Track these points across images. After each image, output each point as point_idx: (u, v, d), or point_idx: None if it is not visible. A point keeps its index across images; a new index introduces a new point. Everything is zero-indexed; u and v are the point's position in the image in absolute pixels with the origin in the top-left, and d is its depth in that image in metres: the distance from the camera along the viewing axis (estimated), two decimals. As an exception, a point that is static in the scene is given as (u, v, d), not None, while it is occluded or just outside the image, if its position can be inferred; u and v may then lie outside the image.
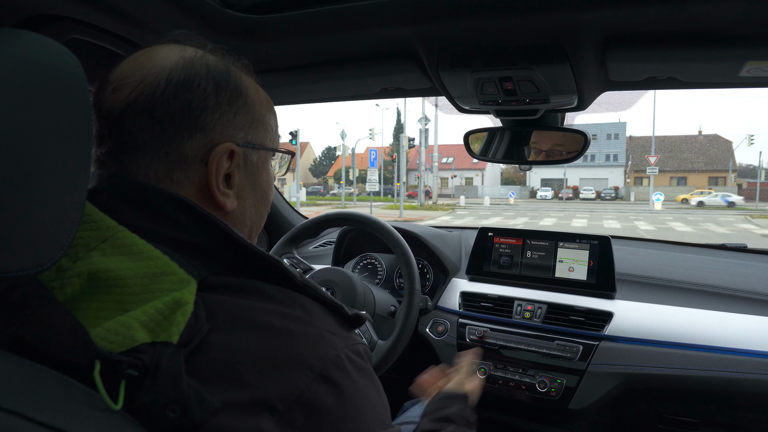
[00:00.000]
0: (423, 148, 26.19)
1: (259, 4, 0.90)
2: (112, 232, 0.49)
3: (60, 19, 0.83)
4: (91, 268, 0.47)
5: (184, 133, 0.55)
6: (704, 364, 1.21)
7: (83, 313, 0.45)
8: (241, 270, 0.53)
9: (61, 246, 0.44)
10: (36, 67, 0.43)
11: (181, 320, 0.44)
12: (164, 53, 0.57)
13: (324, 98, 1.39)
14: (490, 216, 22.73)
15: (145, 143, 0.54)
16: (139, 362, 0.42)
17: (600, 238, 1.47)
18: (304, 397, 0.46)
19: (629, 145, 49.35)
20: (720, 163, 44.69)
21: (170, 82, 0.54)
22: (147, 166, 0.55)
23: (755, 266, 1.56)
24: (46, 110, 0.43)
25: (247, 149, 0.60)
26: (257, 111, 0.61)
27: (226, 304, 0.49)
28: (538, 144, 1.35)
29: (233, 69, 0.59)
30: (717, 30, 0.82)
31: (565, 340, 1.34)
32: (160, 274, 0.47)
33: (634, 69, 0.98)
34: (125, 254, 0.48)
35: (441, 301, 1.57)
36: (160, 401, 0.41)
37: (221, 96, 0.57)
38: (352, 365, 0.51)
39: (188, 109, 0.54)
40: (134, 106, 0.54)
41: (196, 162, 0.55)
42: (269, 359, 0.47)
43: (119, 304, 0.46)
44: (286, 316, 0.50)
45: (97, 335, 0.43)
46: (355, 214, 1.47)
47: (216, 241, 0.53)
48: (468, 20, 0.86)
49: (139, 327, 0.44)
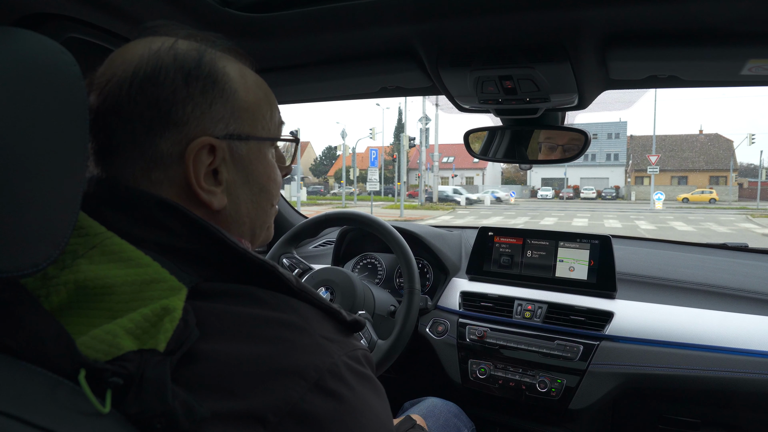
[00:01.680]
0: (423, 147, 26.18)
1: (258, 3, 0.89)
2: (100, 239, 0.48)
3: (57, 17, 0.83)
4: (78, 277, 0.45)
5: (156, 131, 0.52)
6: (705, 364, 1.21)
7: (72, 320, 0.44)
8: (235, 275, 0.51)
9: (57, 245, 0.44)
10: (32, 66, 0.43)
11: (168, 327, 0.43)
12: (132, 48, 0.54)
13: (323, 97, 1.39)
14: (491, 215, 22.73)
15: (119, 144, 0.52)
16: (124, 371, 0.41)
17: (601, 238, 1.47)
18: (298, 408, 0.44)
19: (630, 144, 49.33)
20: (721, 162, 44.66)
21: (135, 77, 0.52)
22: (124, 167, 0.53)
23: (756, 266, 1.56)
24: (42, 109, 0.43)
25: (232, 141, 0.56)
26: (241, 98, 0.56)
27: (218, 312, 0.47)
28: (539, 143, 1.35)
29: (207, 55, 0.55)
30: (718, 28, 0.82)
31: (565, 340, 1.34)
32: (150, 282, 0.46)
33: (634, 67, 0.98)
34: (114, 261, 0.47)
35: (441, 300, 1.57)
36: (146, 412, 0.40)
37: (192, 87, 0.53)
38: (350, 372, 0.49)
39: (156, 105, 0.51)
40: (105, 106, 0.52)
41: (174, 160, 0.53)
42: (262, 369, 0.45)
43: (109, 312, 0.45)
44: (281, 324, 0.48)
45: (83, 344, 0.42)
46: (354, 214, 1.46)
47: (208, 246, 0.51)
48: (468, 19, 0.86)
49: (125, 335, 0.43)
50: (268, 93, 0.62)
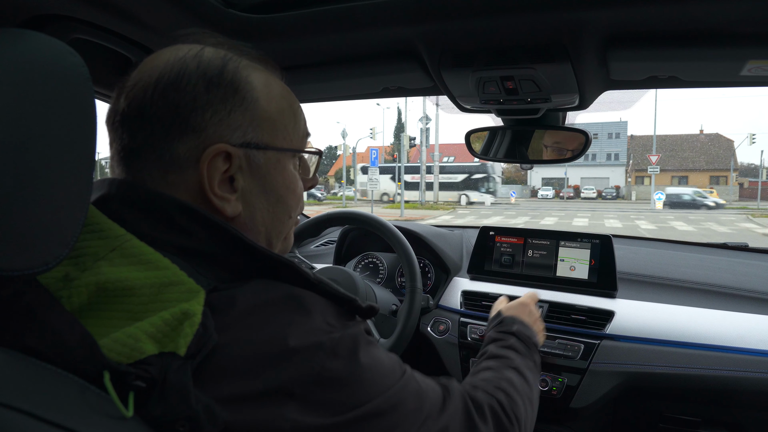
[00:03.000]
0: (424, 147, 26.16)
1: (262, 4, 0.90)
2: (120, 242, 0.49)
3: (63, 18, 0.83)
4: (100, 278, 0.46)
5: (175, 135, 0.53)
6: (706, 362, 1.21)
7: (92, 322, 0.45)
8: (253, 274, 0.52)
9: (66, 245, 0.44)
10: (41, 67, 0.44)
11: (188, 332, 0.44)
12: (161, 55, 0.56)
13: (326, 98, 1.39)
14: (491, 215, 22.72)
15: (139, 147, 0.54)
16: (147, 374, 0.42)
17: (601, 237, 1.47)
18: (321, 376, 0.48)
19: (630, 144, 49.28)
20: (721, 162, 44.61)
21: (159, 82, 0.53)
22: (143, 169, 0.54)
23: (757, 265, 1.56)
24: (51, 109, 0.43)
25: (249, 150, 0.56)
26: (262, 108, 0.57)
27: (233, 301, 0.49)
28: (539, 143, 1.36)
29: (231, 64, 0.56)
30: (718, 29, 0.82)
31: (566, 339, 1.34)
32: (168, 284, 0.47)
33: (635, 68, 0.98)
34: (134, 264, 0.48)
35: (442, 300, 1.58)
36: (169, 415, 0.42)
37: (212, 94, 0.54)
38: (363, 340, 0.54)
39: (176, 110, 0.53)
40: (129, 109, 0.54)
41: (190, 164, 0.53)
42: (281, 348, 0.47)
43: (129, 313, 0.46)
44: (295, 306, 0.51)
45: (105, 346, 0.43)
46: (356, 213, 1.47)
47: (226, 247, 0.52)
48: (470, 20, 0.86)
49: (147, 339, 0.44)
50: (293, 103, 0.62)
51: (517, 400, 0.76)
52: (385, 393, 0.53)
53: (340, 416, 0.49)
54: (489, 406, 0.70)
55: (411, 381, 0.58)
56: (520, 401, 0.77)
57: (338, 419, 0.48)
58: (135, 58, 0.97)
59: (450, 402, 0.63)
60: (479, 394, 0.73)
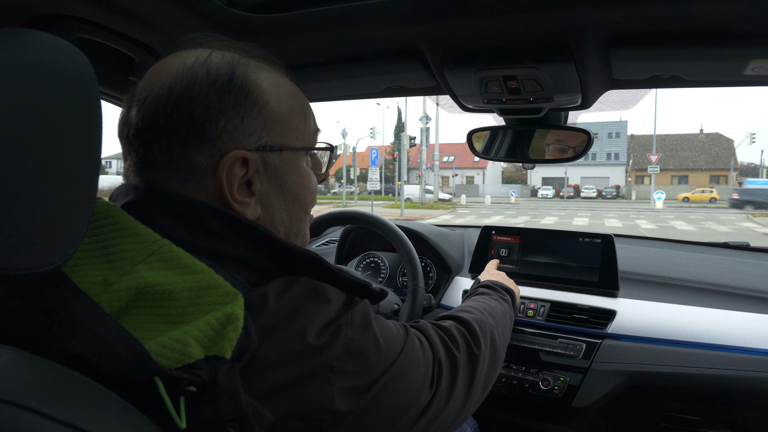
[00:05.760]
0: (424, 146, 26.15)
1: (264, 4, 0.90)
2: (157, 246, 0.49)
3: (66, 18, 0.84)
4: (140, 282, 0.46)
5: (191, 146, 0.53)
6: (707, 361, 1.21)
7: (130, 326, 0.45)
8: (277, 273, 0.55)
9: (72, 244, 0.44)
10: (46, 67, 0.43)
11: (233, 336, 0.45)
12: (169, 64, 0.56)
13: (328, 97, 1.39)
14: (492, 215, 22.71)
15: (156, 159, 0.54)
16: (198, 379, 0.42)
17: (603, 237, 1.47)
18: (351, 345, 0.54)
19: (630, 143, 49.29)
20: (721, 161, 44.63)
21: (171, 94, 0.53)
22: (161, 179, 0.54)
23: (758, 264, 1.56)
24: (57, 109, 0.43)
25: (265, 153, 0.57)
26: (273, 110, 0.57)
27: (267, 301, 0.52)
28: (541, 142, 1.35)
29: (240, 68, 0.56)
30: (721, 28, 0.82)
31: (568, 338, 1.34)
32: (206, 288, 0.47)
33: (638, 67, 0.98)
34: (172, 267, 0.48)
35: (444, 299, 1.58)
36: (220, 418, 0.42)
37: (224, 101, 0.54)
38: (374, 318, 0.60)
39: (190, 120, 0.53)
40: (143, 122, 0.54)
41: (209, 173, 0.54)
42: (313, 334, 0.51)
43: (167, 317, 0.46)
44: (318, 299, 0.54)
45: (153, 351, 0.43)
46: (358, 213, 1.47)
47: (255, 250, 0.54)
48: (473, 19, 0.86)
49: (195, 343, 0.44)
50: (302, 101, 0.63)
51: (479, 316, 0.89)
52: (400, 352, 0.60)
53: (373, 377, 0.55)
54: (454, 328, 0.79)
55: (413, 339, 0.65)
56: (483, 316, 0.90)
57: (373, 379, 0.54)
58: (138, 58, 0.97)
59: (430, 337, 0.71)
60: (444, 322, 0.82)
